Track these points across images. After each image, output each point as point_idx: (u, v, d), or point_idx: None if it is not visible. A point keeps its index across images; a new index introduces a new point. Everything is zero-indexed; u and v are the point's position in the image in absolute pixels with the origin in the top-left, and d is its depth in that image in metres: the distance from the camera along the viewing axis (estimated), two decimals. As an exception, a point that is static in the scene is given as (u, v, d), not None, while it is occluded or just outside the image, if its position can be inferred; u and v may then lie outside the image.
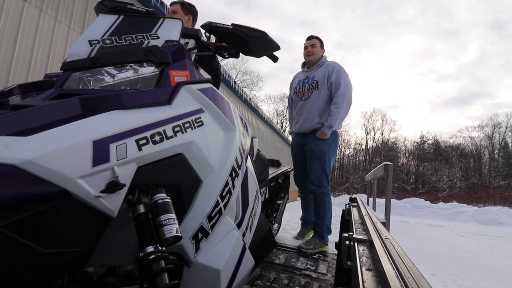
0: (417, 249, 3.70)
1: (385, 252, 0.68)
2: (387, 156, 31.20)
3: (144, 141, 0.66)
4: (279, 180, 2.25)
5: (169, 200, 0.70)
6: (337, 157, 33.39)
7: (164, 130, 0.71)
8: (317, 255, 2.15)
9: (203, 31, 1.12)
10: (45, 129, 0.55)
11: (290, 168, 2.66)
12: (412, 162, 32.11)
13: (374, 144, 33.54)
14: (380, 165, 3.03)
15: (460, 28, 42.51)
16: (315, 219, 2.40)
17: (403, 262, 0.62)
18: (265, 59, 1.25)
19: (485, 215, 9.16)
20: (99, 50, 0.82)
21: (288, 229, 3.39)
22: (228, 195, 0.92)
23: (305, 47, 2.57)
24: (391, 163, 2.59)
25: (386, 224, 2.29)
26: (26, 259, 0.52)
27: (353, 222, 1.22)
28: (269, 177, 1.91)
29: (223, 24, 1.08)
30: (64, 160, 0.53)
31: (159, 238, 0.65)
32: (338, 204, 9.86)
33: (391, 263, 0.61)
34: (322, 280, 1.65)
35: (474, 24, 41.70)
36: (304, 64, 2.68)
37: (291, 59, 43.78)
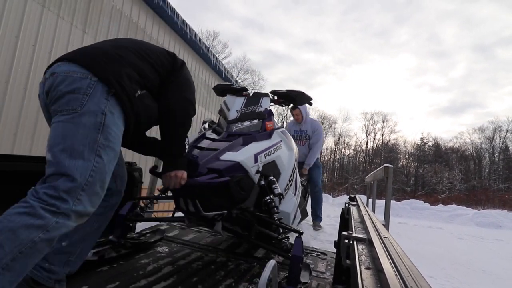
0: (416, 251, 3.70)
1: (384, 251, 0.69)
2: (387, 158, 31.12)
3: (265, 154, 1.53)
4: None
5: (274, 179, 1.55)
6: (337, 157, 33.57)
7: (270, 150, 1.57)
8: (316, 253, 2.16)
9: (271, 95, 1.92)
10: (239, 150, 1.44)
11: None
12: (412, 164, 32.01)
13: (375, 145, 33.49)
14: (380, 167, 3.04)
15: (448, 50, 48.10)
16: (317, 208, 3.85)
17: (402, 261, 0.62)
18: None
19: (484, 218, 9.14)
20: (240, 114, 1.70)
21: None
22: (291, 181, 1.80)
23: (293, 115, 3.83)
24: (392, 166, 2.60)
25: (385, 227, 2.30)
26: (236, 199, 1.38)
27: (352, 221, 1.22)
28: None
29: (281, 90, 1.92)
30: (248, 160, 1.41)
31: (273, 193, 1.50)
32: (337, 204, 9.85)
33: (390, 262, 0.61)
34: (321, 278, 1.65)
35: (460, 47, 47.42)
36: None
37: (297, 72, 50.96)
